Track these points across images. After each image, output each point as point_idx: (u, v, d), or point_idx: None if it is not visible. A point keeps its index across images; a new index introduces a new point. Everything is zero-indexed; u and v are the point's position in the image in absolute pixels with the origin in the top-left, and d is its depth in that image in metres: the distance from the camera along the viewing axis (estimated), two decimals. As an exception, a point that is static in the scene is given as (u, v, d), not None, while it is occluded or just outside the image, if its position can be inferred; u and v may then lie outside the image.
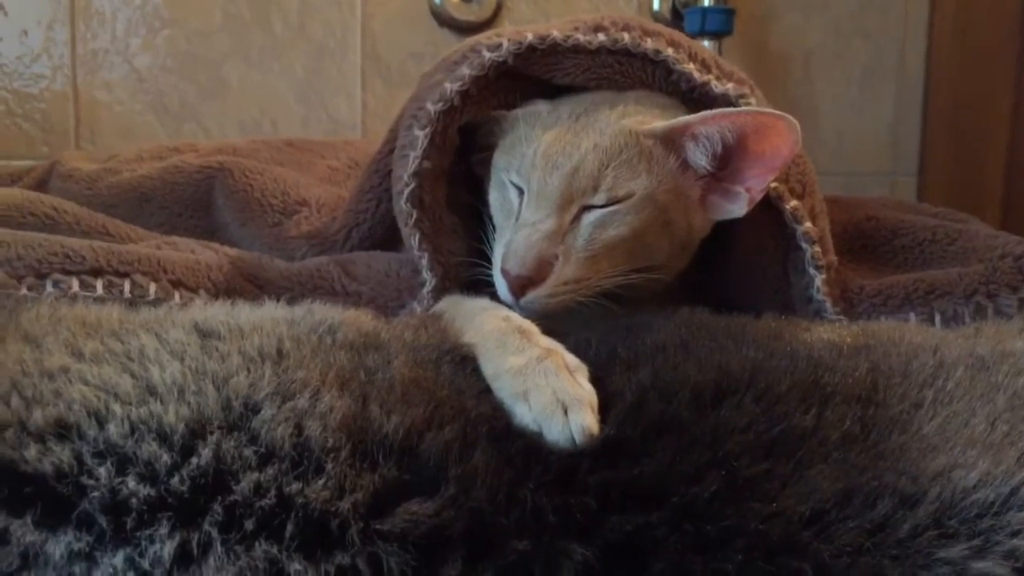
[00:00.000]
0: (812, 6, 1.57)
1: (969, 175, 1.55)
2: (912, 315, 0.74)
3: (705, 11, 1.42)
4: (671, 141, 0.73)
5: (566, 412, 0.54)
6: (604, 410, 0.56)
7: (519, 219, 0.73)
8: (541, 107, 0.77)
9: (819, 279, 0.74)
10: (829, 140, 1.61)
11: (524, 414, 0.55)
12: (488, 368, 0.60)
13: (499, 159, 0.77)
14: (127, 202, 0.97)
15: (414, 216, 0.74)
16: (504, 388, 0.57)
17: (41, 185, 1.06)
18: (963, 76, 1.55)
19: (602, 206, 0.72)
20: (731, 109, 0.72)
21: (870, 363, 0.61)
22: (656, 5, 1.52)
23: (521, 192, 0.74)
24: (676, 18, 1.50)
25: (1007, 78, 1.47)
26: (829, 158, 1.61)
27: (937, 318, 0.74)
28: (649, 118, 0.74)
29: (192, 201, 0.96)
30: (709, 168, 0.73)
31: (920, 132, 1.63)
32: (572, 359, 0.59)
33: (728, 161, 0.73)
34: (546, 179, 0.72)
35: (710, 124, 0.71)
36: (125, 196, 0.98)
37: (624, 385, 0.57)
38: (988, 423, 0.57)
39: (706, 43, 1.43)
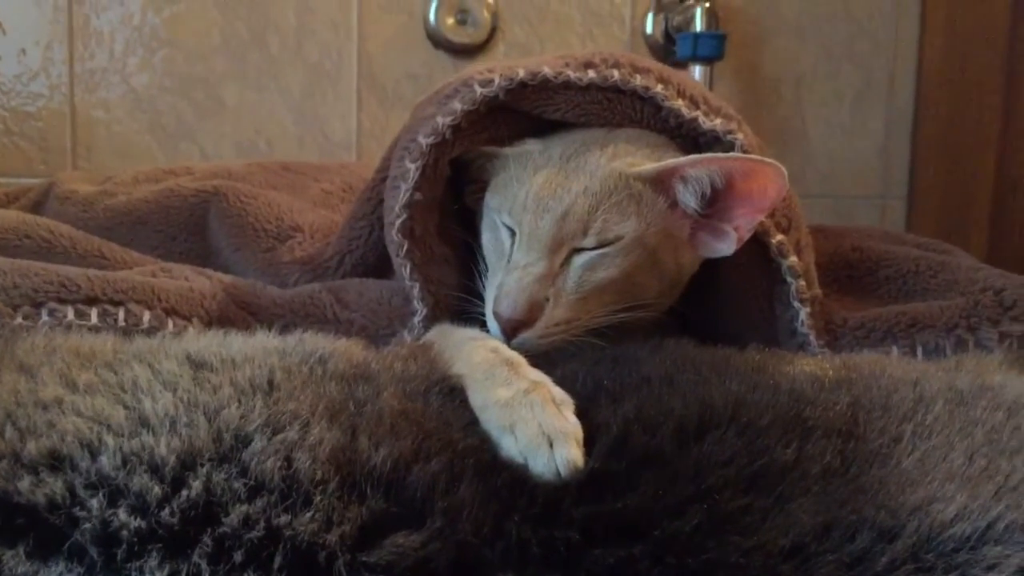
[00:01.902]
0: (803, 31, 1.59)
1: (958, 199, 1.56)
2: (895, 348, 0.75)
3: (697, 36, 1.44)
4: (661, 182, 0.74)
5: (551, 445, 0.55)
6: (589, 443, 0.57)
7: (511, 261, 0.74)
8: (532, 147, 0.78)
9: (804, 312, 0.75)
10: (819, 164, 1.62)
11: (510, 446, 0.56)
12: (476, 399, 0.61)
13: (491, 199, 0.78)
14: (122, 225, 0.98)
15: (405, 247, 0.75)
16: (491, 420, 0.58)
17: (37, 207, 1.07)
18: (952, 101, 1.57)
19: (592, 248, 0.73)
20: (720, 155, 0.73)
21: (851, 397, 0.62)
22: (649, 29, 1.54)
23: (513, 233, 0.75)
24: (668, 42, 1.52)
25: (996, 103, 1.49)
26: (819, 182, 1.62)
27: (919, 351, 0.75)
28: (639, 158, 0.75)
29: (187, 225, 0.97)
30: (698, 208, 0.75)
31: (910, 156, 1.64)
32: (559, 392, 0.60)
33: (716, 200, 0.74)
34: (537, 222, 0.73)
35: (699, 167, 0.72)
36: (120, 219, 0.98)
37: (610, 418, 0.58)
38: (966, 457, 0.58)
39: (698, 68, 1.45)
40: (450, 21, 1.49)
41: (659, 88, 0.75)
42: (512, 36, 1.53)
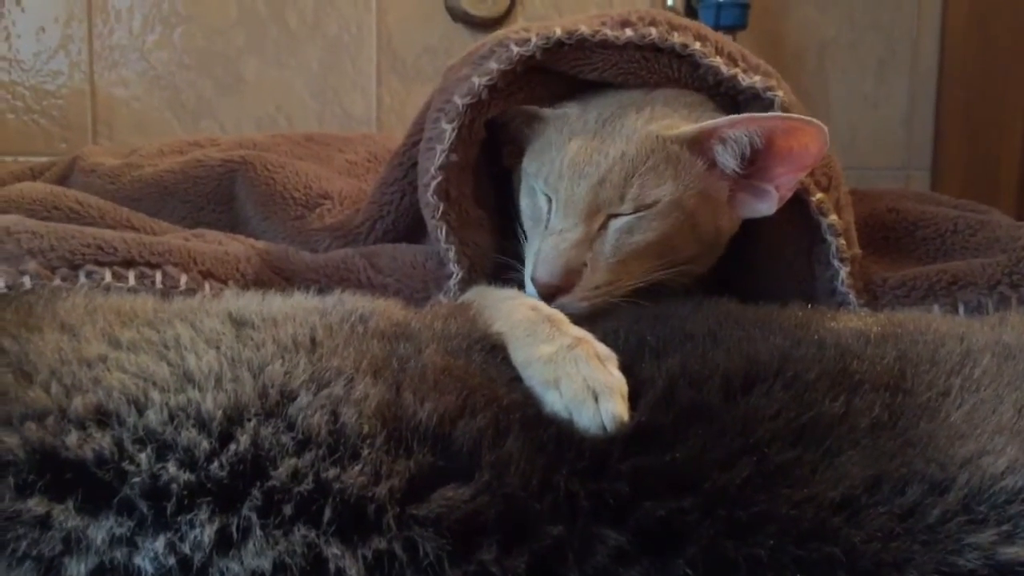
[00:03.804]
0: (826, 0, 1.57)
1: (983, 169, 1.54)
2: (936, 306, 0.74)
3: (720, 5, 1.42)
4: (699, 144, 0.73)
5: (596, 400, 0.55)
6: (635, 397, 0.56)
7: (548, 227, 0.74)
8: (570, 110, 0.77)
9: (843, 272, 0.74)
10: (843, 134, 1.61)
11: (555, 401, 0.56)
12: (518, 356, 0.60)
13: (528, 165, 0.78)
14: (150, 196, 0.98)
15: (441, 208, 0.75)
16: (535, 376, 0.58)
17: (63, 180, 1.06)
18: (977, 69, 1.55)
19: (629, 213, 0.72)
20: (760, 114, 0.72)
21: (897, 351, 0.61)
22: (670, 0, 1.52)
23: (550, 199, 0.75)
24: (690, 12, 1.50)
25: (1021, 71, 1.47)
26: (842, 152, 1.58)
27: (961, 308, 0.74)
28: (677, 120, 0.74)
29: (214, 195, 0.97)
30: (737, 169, 0.74)
31: (933, 126, 1.62)
32: (602, 348, 0.60)
33: (756, 160, 0.73)
34: (573, 189, 0.73)
35: (738, 128, 0.71)
36: (148, 191, 0.98)
37: (655, 373, 0.58)
38: (1015, 410, 0.58)
39: (720, 37, 1.43)
40: (469, -6, 1.48)
41: (697, 45, 0.74)
42: (532, 9, 1.51)
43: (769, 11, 1.55)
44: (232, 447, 0.51)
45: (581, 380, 0.56)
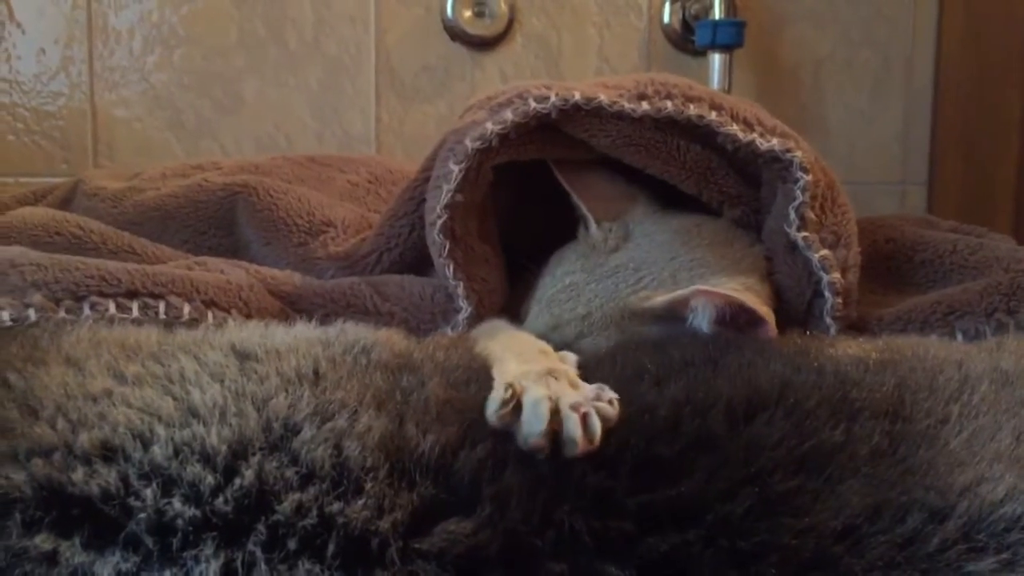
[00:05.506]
0: (822, 17, 1.58)
1: (979, 184, 1.55)
2: (933, 336, 0.74)
3: (716, 24, 1.43)
4: (669, 311, 0.72)
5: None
6: (636, 426, 0.56)
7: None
8: (605, 235, 0.78)
9: (833, 329, 0.74)
10: (839, 150, 1.61)
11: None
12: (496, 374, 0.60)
13: (553, 257, 0.80)
14: (151, 220, 0.98)
15: (447, 247, 0.76)
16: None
17: (66, 203, 1.07)
18: (971, 85, 1.56)
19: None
20: (720, 292, 0.70)
21: (897, 378, 0.61)
22: (666, 18, 1.53)
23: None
24: (687, 30, 1.51)
25: (1016, 86, 1.48)
26: (839, 168, 1.57)
27: (959, 337, 0.74)
28: (680, 279, 0.73)
29: (215, 220, 0.97)
30: (713, 329, 0.72)
31: (929, 141, 1.63)
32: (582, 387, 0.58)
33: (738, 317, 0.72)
34: (536, 319, 0.76)
35: (701, 297, 0.71)
36: (149, 215, 0.99)
37: (657, 400, 0.58)
38: (1014, 437, 0.58)
39: (717, 56, 1.44)
40: (467, 14, 1.49)
41: (713, 115, 0.75)
42: (529, 28, 1.52)
43: (765, 30, 1.56)
44: (237, 481, 0.51)
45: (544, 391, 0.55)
